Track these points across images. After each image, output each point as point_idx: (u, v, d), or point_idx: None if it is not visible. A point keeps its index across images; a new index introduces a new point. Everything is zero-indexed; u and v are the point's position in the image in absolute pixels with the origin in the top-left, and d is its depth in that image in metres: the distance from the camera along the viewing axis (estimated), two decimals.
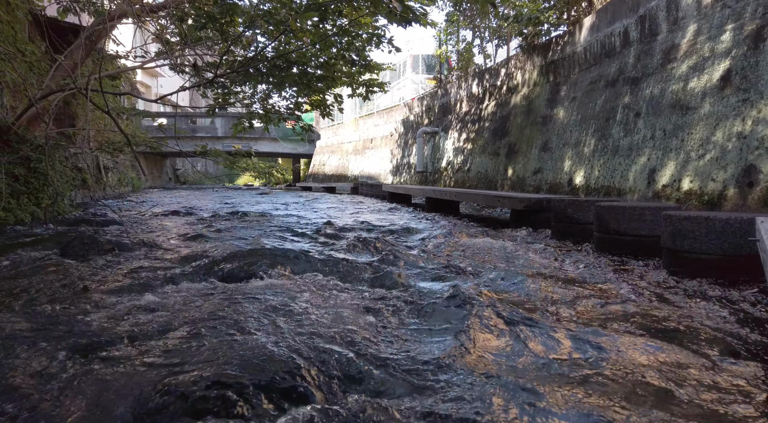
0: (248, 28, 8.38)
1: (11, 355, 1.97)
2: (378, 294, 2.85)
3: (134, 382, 1.70)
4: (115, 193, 14.97)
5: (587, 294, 3.05)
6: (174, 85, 25.58)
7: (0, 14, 8.50)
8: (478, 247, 4.86)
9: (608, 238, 4.70)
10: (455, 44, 17.83)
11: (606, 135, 8.40)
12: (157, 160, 29.70)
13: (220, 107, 10.83)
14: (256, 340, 2.02)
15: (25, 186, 7.46)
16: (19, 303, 2.75)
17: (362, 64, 9.90)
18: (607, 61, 9.09)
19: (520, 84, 12.38)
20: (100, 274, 3.54)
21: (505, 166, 11.97)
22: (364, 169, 24.51)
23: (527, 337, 2.24)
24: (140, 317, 2.46)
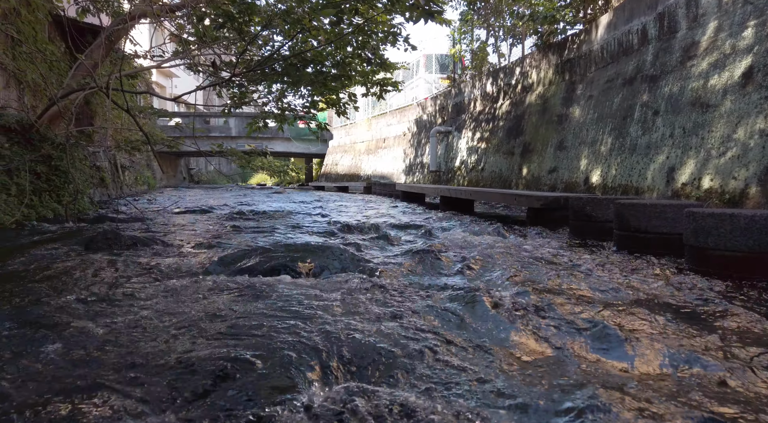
0: (265, 28, 8.44)
1: (48, 340, 2.01)
2: (401, 295, 2.85)
3: (162, 372, 1.72)
4: (131, 192, 15.15)
5: (626, 293, 3.04)
6: (188, 86, 25.86)
7: (21, 15, 8.64)
8: (501, 245, 4.85)
9: (628, 235, 4.66)
10: (469, 43, 17.79)
11: (623, 133, 8.34)
12: (171, 159, 30.00)
13: (235, 107, 10.91)
14: (279, 333, 2.04)
15: (47, 184, 7.59)
16: (49, 294, 2.80)
17: (377, 62, 9.92)
18: (625, 59, 9.02)
19: (535, 83, 12.32)
20: (123, 267, 3.60)
21: (519, 165, 11.92)
22: (377, 168, 24.54)
23: (568, 340, 2.24)
24: (163, 308, 2.50)
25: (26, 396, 1.55)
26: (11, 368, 1.77)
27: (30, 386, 1.62)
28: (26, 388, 1.60)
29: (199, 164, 38.73)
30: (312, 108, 11.17)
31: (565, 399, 1.57)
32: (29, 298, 2.75)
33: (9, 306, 2.58)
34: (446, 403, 1.52)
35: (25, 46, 8.86)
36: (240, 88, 10.65)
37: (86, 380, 1.66)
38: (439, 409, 1.46)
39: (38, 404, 1.49)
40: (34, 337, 2.09)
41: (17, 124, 7.61)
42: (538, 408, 1.53)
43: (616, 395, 1.60)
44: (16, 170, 6.92)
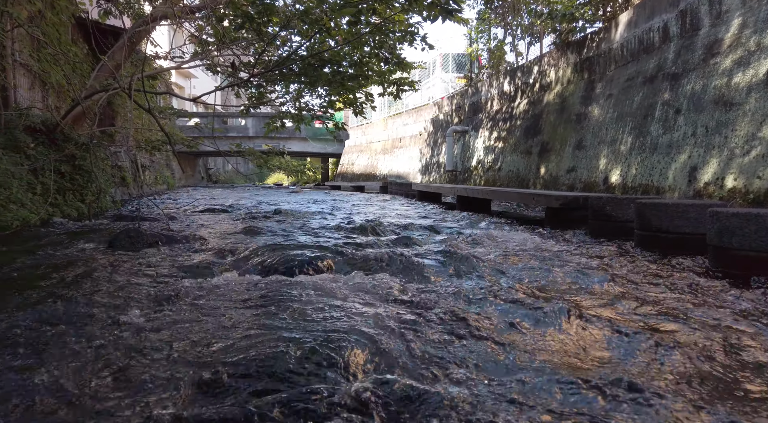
0: (284, 28, 8.50)
1: (74, 334, 2.06)
2: (423, 299, 2.86)
3: (182, 365, 1.76)
4: (151, 191, 15.38)
5: (655, 294, 3.01)
6: (207, 86, 26.15)
7: (46, 17, 8.82)
8: (522, 244, 4.82)
9: (649, 235, 4.61)
10: (486, 42, 17.70)
11: (644, 132, 8.23)
12: (190, 159, 30.37)
13: (253, 107, 11.01)
14: (300, 328, 2.06)
15: (71, 183, 7.75)
16: (77, 290, 2.86)
17: (394, 61, 9.94)
18: (646, 57, 8.89)
19: (553, 81, 12.22)
20: (146, 265, 3.66)
21: (537, 164, 11.83)
22: (393, 168, 24.55)
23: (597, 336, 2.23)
24: (185, 304, 2.54)
25: (74, 386, 1.59)
26: (43, 360, 1.82)
27: (77, 372, 1.67)
28: (69, 377, 1.65)
29: (217, 164, 39.15)
30: (329, 108, 11.22)
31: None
32: (57, 293, 2.82)
33: (38, 302, 2.65)
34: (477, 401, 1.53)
35: (50, 48, 9.04)
36: (258, 88, 10.76)
37: (122, 373, 1.70)
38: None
39: (86, 395, 1.53)
40: (67, 331, 2.14)
41: (42, 125, 7.78)
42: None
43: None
44: (41, 170, 7.08)
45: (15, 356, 1.87)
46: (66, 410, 1.46)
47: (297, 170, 35.77)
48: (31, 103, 8.83)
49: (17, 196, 6.04)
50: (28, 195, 6.43)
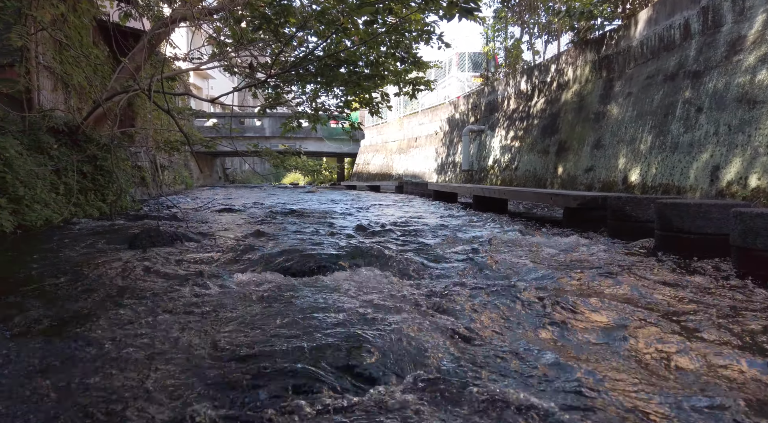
0: (301, 29, 8.55)
1: (95, 329, 2.11)
2: (443, 302, 2.84)
3: (198, 360, 1.78)
4: (170, 191, 15.58)
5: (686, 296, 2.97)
6: (224, 87, 26.39)
7: (69, 20, 8.99)
8: (542, 246, 4.79)
9: (670, 236, 4.53)
10: (503, 41, 17.58)
11: (664, 131, 8.10)
12: (208, 159, 30.69)
13: (270, 107, 11.09)
14: (318, 326, 2.08)
15: (92, 183, 7.88)
16: (99, 286, 2.92)
17: (411, 61, 9.92)
18: (666, 55, 8.76)
19: (571, 80, 12.10)
20: (167, 263, 3.71)
21: (554, 164, 11.72)
22: (409, 167, 24.52)
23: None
24: (205, 302, 2.57)
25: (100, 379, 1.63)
26: (66, 353, 1.86)
27: (102, 366, 1.70)
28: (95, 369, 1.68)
29: (234, 164, 39.50)
30: (345, 108, 11.25)
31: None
32: (79, 290, 2.87)
33: (62, 299, 2.70)
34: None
35: (72, 51, 9.21)
36: (275, 88, 10.83)
37: (144, 370, 1.73)
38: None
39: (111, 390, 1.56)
40: (90, 326, 2.18)
41: (65, 126, 7.93)
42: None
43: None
44: (64, 170, 7.22)
45: (44, 349, 1.92)
46: (87, 399, 1.49)
47: (313, 170, 35.94)
48: (54, 105, 9.00)
49: (41, 196, 6.17)
50: (51, 195, 6.56)
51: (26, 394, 1.56)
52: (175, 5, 9.24)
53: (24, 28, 7.40)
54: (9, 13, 6.84)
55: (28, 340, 2.08)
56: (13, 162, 5.82)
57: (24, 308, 2.53)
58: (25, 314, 2.42)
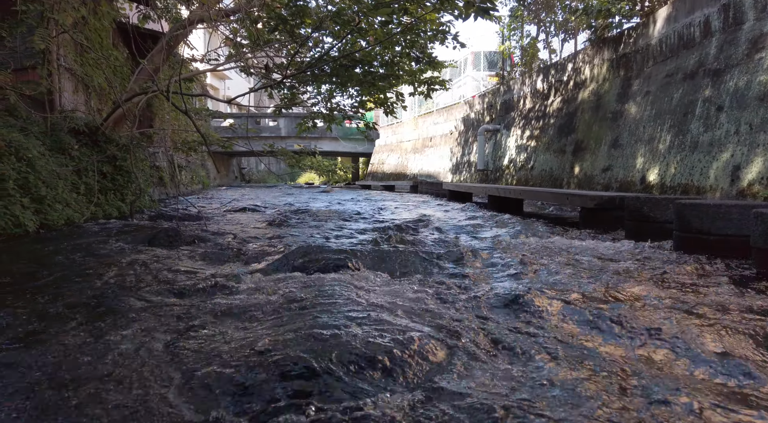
0: (316, 29, 8.59)
1: (116, 326, 2.15)
2: (462, 306, 2.84)
3: (221, 358, 1.80)
4: (187, 191, 15.76)
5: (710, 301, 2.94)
6: (240, 87, 26.62)
7: (89, 23, 9.15)
8: (562, 249, 4.75)
9: (689, 237, 4.47)
10: (519, 40, 17.48)
11: (683, 130, 7.99)
12: (224, 159, 30.98)
13: (285, 107, 11.17)
14: (332, 326, 2.09)
15: (112, 183, 8.01)
16: (119, 285, 2.97)
17: (426, 61, 9.92)
18: (685, 53, 8.63)
19: (588, 79, 11.98)
20: (186, 263, 3.77)
21: (571, 163, 11.62)
22: (423, 167, 24.49)
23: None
24: (223, 300, 2.61)
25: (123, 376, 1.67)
26: (88, 349, 1.90)
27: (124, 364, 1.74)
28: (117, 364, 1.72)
29: (250, 164, 39.84)
30: (360, 108, 11.29)
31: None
32: (103, 290, 2.93)
33: (86, 296, 2.76)
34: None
35: (92, 53, 9.37)
36: (290, 89, 10.91)
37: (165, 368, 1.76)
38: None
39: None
40: (112, 322, 2.23)
41: (85, 127, 8.07)
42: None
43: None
44: (84, 170, 7.35)
45: (68, 342, 1.97)
46: (107, 388, 1.53)
47: (328, 170, 36.09)
48: (75, 106, 9.17)
49: (62, 196, 6.29)
50: (72, 195, 6.69)
51: (51, 383, 1.61)
52: (193, 7, 9.35)
53: (46, 31, 7.54)
54: (32, 17, 6.98)
55: (54, 331, 2.13)
56: (36, 162, 5.94)
57: (49, 302, 2.59)
58: (51, 307, 2.48)
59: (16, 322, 2.32)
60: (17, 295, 2.83)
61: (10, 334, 2.17)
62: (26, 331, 2.21)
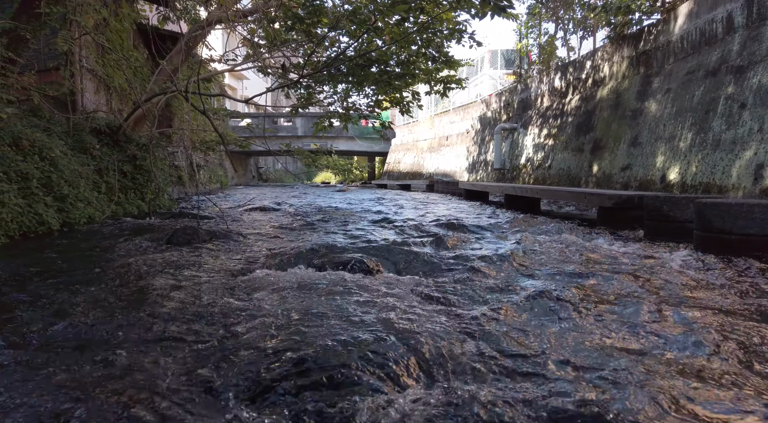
0: (333, 29, 8.63)
1: (136, 325, 2.19)
2: (480, 307, 2.84)
3: (240, 356, 1.83)
4: (205, 190, 15.94)
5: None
6: (258, 87, 26.82)
7: (110, 24, 9.31)
8: (585, 247, 4.71)
9: (711, 237, 4.39)
10: (537, 37, 17.32)
11: (705, 128, 7.84)
12: (242, 158, 31.27)
13: (302, 107, 11.23)
14: (350, 324, 2.10)
15: (132, 182, 8.15)
16: (138, 282, 3.03)
17: (442, 60, 9.88)
18: (707, 50, 8.47)
19: (607, 77, 11.82)
20: (204, 260, 3.82)
21: (589, 162, 11.48)
22: (439, 166, 24.42)
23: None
24: (240, 297, 2.64)
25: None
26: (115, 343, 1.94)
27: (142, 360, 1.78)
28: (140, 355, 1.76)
29: (267, 163, 40.15)
30: (376, 107, 11.30)
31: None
32: (123, 286, 2.99)
33: (107, 292, 2.82)
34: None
35: (113, 54, 9.54)
36: (307, 88, 10.96)
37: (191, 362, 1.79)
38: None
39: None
40: (138, 320, 2.27)
41: (106, 127, 8.23)
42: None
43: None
44: (105, 169, 7.49)
45: (91, 338, 2.01)
46: (125, 382, 1.56)
47: (344, 169, 36.21)
48: (97, 107, 9.35)
49: (84, 195, 6.42)
50: (93, 193, 6.82)
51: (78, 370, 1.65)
52: (211, 8, 9.45)
53: (69, 32, 7.70)
54: (55, 19, 7.13)
55: (81, 324, 2.18)
56: (59, 162, 6.07)
57: (75, 297, 2.65)
58: (75, 302, 2.54)
59: (39, 316, 2.38)
60: (43, 289, 2.90)
61: (35, 326, 2.22)
62: (48, 326, 2.27)
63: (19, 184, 5.25)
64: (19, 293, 2.82)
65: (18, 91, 6.86)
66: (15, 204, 4.95)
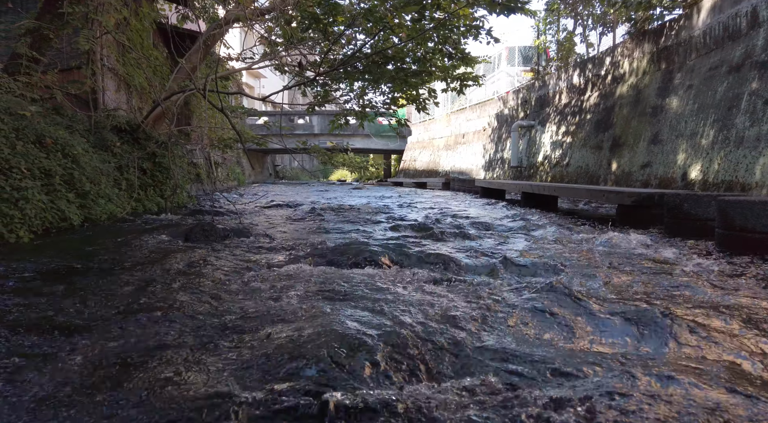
0: (349, 27, 8.64)
1: (147, 323, 2.22)
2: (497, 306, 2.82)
3: (256, 352, 1.84)
4: (223, 187, 16.11)
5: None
6: (275, 85, 26.98)
7: (131, 24, 9.45)
8: (605, 247, 4.66)
9: (733, 235, 4.31)
10: (555, 34, 17.13)
11: (728, 125, 7.69)
12: (259, 156, 31.51)
13: (319, 105, 11.27)
14: (363, 320, 2.11)
15: (151, 179, 8.26)
16: (153, 279, 3.07)
17: (458, 57, 9.83)
18: (731, 45, 8.29)
19: (627, 73, 11.65)
20: (220, 257, 3.86)
21: (608, 160, 11.34)
22: (456, 164, 24.32)
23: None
24: (257, 293, 2.66)
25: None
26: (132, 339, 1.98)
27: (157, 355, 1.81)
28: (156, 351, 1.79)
29: (284, 161, 40.41)
30: (392, 105, 11.29)
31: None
32: (142, 282, 3.03)
33: (127, 288, 2.86)
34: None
35: (134, 53, 9.68)
36: (323, 86, 11.00)
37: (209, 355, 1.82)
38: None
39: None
40: (159, 316, 2.31)
41: (127, 125, 8.35)
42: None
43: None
44: (125, 167, 7.61)
45: (111, 332, 2.05)
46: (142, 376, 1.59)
47: (360, 167, 36.25)
48: (117, 105, 9.50)
49: (105, 192, 6.53)
50: (114, 190, 6.93)
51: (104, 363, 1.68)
52: (229, 6, 9.53)
53: (90, 32, 7.83)
54: (77, 18, 7.25)
55: (107, 319, 2.22)
56: (80, 159, 6.18)
57: (98, 291, 2.70)
58: (100, 296, 2.59)
59: (67, 308, 2.43)
60: (69, 283, 2.96)
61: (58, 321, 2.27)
62: (74, 319, 2.31)
63: (43, 181, 5.36)
64: (49, 286, 2.89)
65: (41, 89, 7.00)
66: (38, 200, 5.06)
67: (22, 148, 5.26)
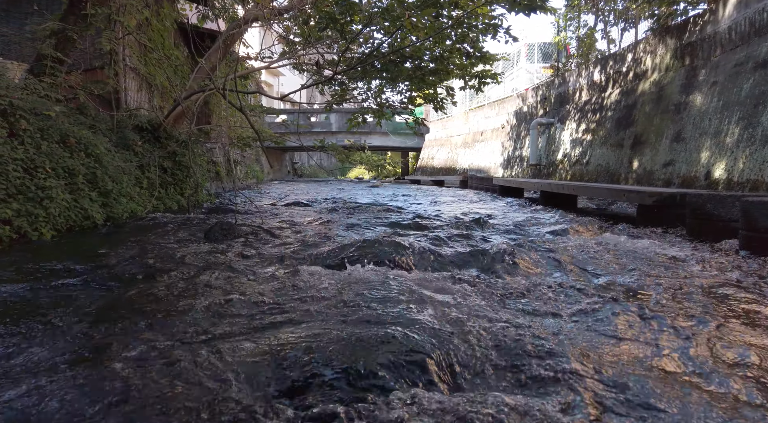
0: (366, 26, 8.64)
1: (165, 317, 2.26)
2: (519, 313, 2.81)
3: (276, 351, 1.86)
4: (242, 185, 16.27)
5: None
6: (293, 84, 27.13)
7: (152, 24, 9.58)
8: (621, 247, 4.60)
9: (757, 236, 4.21)
10: (575, 30, 16.90)
11: (754, 123, 7.50)
12: (277, 154, 31.74)
13: (336, 103, 11.30)
14: (383, 324, 2.12)
15: (172, 177, 8.39)
16: (173, 277, 3.12)
17: (476, 55, 9.76)
18: (757, 41, 8.08)
19: (649, 69, 11.44)
20: (239, 254, 3.91)
21: (629, 158, 11.16)
22: (473, 162, 24.17)
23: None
24: (274, 291, 2.69)
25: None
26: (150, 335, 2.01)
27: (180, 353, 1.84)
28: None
29: (302, 158, 40.60)
30: (410, 104, 11.27)
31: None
32: (164, 280, 3.09)
33: (144, 285, 2.92)
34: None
35: (155, 53, 9.82)
36: (341, 85, 11.03)
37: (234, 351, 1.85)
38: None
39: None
40: (176, 312, 2.35)
41: (148, 124, 8.49)
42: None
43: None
44: (146, 165, 7.73)
45: (133, 327, 2.09)
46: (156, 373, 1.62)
47: (377, 164, 36.26)
48: (139, 104, 9.65)
49: (127, 190, 6.65)
50: (135, 189, 7.05)
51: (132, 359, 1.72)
52: (249, 6, 9.61)
53: (113, 32, 7.97)
54: (100, 20, 7.38)
55: (134, 316, 2.27)
56: (103, 158, 6.31)
57: (123, 288, 2.76)
58: (122, 293, 2.64)
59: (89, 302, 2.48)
60: (94, 279, 3.03)
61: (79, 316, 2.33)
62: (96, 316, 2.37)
63: (66, 180, 5.48)
64: (73, 282, 2.96)
65: (65, 89, 7.15)
66: (62, 199, 5.18)
67: (46, 147, 5.39)
